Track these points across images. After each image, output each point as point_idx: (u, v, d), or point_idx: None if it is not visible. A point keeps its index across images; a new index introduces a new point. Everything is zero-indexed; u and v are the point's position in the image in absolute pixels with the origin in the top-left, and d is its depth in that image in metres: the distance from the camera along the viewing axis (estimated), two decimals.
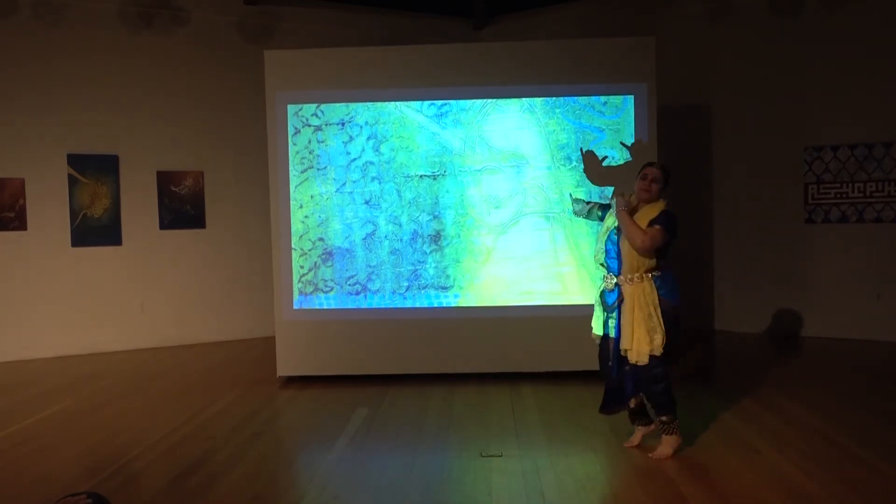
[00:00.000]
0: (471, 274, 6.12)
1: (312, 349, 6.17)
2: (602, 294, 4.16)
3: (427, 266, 6.13)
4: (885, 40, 7.23)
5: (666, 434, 4.13)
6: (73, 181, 7.60)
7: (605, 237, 4.13)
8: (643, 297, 3.97)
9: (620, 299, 4.03)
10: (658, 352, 3.96)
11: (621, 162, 5.95)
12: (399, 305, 6.14)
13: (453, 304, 6.13)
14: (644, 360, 3.98)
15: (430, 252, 6.12)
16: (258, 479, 3.96)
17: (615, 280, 4.06)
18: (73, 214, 7.62)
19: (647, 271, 3.99)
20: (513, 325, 6.04)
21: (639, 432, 4.31)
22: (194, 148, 8.17)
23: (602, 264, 4.14)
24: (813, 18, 7.59)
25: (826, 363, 6.56)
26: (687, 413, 4.96)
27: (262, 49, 6.55)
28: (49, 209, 7.52)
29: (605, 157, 5.76)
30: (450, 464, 4.16)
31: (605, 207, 4.35)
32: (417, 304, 6.13)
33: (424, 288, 6.13)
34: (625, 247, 4.02)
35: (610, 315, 4.11)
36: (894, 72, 7.22)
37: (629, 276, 4.00)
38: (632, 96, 5.99)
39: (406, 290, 6.14)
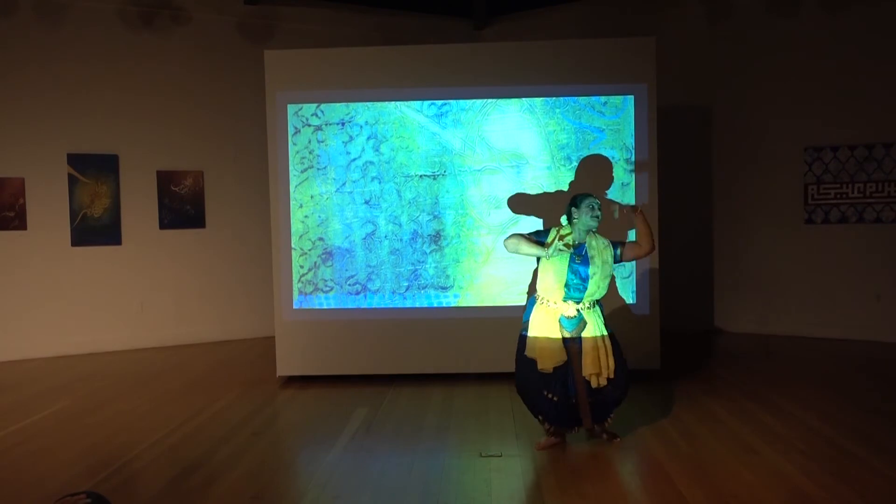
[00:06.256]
0: (471, 274, 6.11)
1: (312, 349, 6.17)
2: (560, 322, 4.22)
3: (427, 266, 6.13)
4: (885, 41, 7.23)
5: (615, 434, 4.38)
6: (73, 181, 7.60)
7: (566, 268, 4.16)
8: (602, 321, 4.26)
9: (582, 326, 4.20)
10: (613, 374, 4.20)
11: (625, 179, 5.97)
12: (399, 305, 6.14)
13: (453, 304, 6.13)
14: (605, 383, 4.18)
15: (430, 252, 6.12)
16: (258, 479, 3.96)
17: (576, 307, 4.21)
18: (73, 214, 7.62)
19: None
20: (513, 326, 6.01)
21: (553, 441, 4.36)
22: (194, 148, 8.16)
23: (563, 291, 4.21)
24: (813, 19, 7.59)
25: (826, 363, 6.56)
26: (687, 413, 4.97)
27: (262, 49, 6.54)
28: (49, 209, 7.52)
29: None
30: (450, 464, 4.16)
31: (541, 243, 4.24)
32: (417, 304, 6.13)
33: (424, 288, 6.13)
34: (596, 276, 4.17)
35: (571, 341, 4.21)
36: (894, 72, 7.22)
37: (590, 303, 4.23)
38: (632, 96, 6.00)
39: (406, 290, 6.14)
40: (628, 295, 6.06)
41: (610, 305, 5.88)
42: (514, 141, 6.06)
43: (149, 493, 3.80)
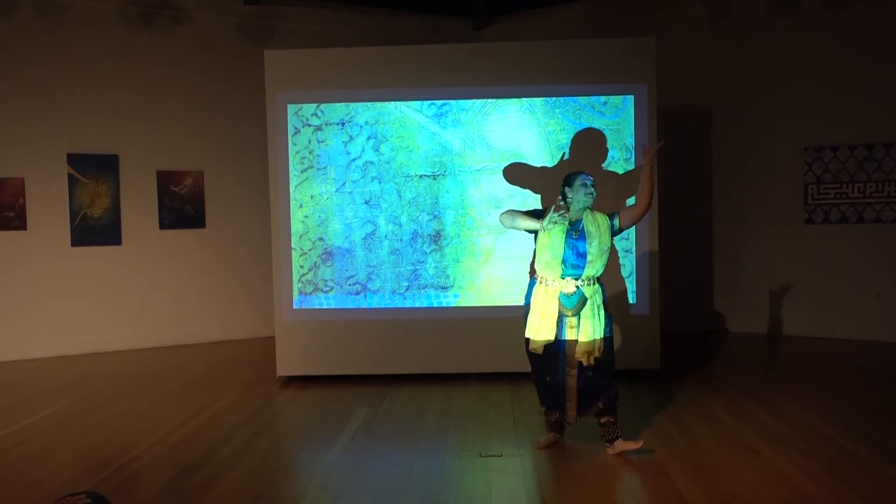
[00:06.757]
0: (471, 274, 6.11)
1: (312, 349, 6.17)
2: (560, 299, 4.14)
3: (427, 266, 6.13)
4: (885, 41, 7.23)
5: (621, 437, 4.18)
6: (73, 181, 7.60)
7: (563, 244, 4.11)
8: (601, 298, 4.19)
9: (583, 302, 4.12)
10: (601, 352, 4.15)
11: (621, 163, 5.97)
12: (399, 305, 6.13)
13: (453, 304, 6.13)
14: (593, 362, 4.13)
15: (430, 252, 6.12)
16: (258, 479, 3.96)
17: (575, 284, 4.13)
18: (73, 214, 7.62)
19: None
20: (512, 325, 6.00)
21: (553, 438, 4.36)
22: (194, 148, 8.16)
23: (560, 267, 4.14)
24: (813, 19, 7.59)
25: (826, 363, 6.56)
26: (687, 413, 4.97)
27: (262, 49, 6.54)
28: (49, 209, 7.52)
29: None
30: (450, 464, 4.16)
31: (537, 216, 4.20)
32: (417, 304, 6.13)
33: (424, 288, 6.13)
34: (594, 252, 4.11)
35: (568, 318, 4.14)
36: (894, 72, 7.22)
37: (590, 279, 4.16)
38: (632, 96, 5.99)
39: (406, 290, 6.14)
40: (628, 295, 6.05)
41: (610, 306, 5.90)
42: (514, 141, 6.06)
43: (149, 493, 3.80)
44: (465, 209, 6.10)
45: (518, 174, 5.98)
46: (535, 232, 4.19)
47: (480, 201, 6.09)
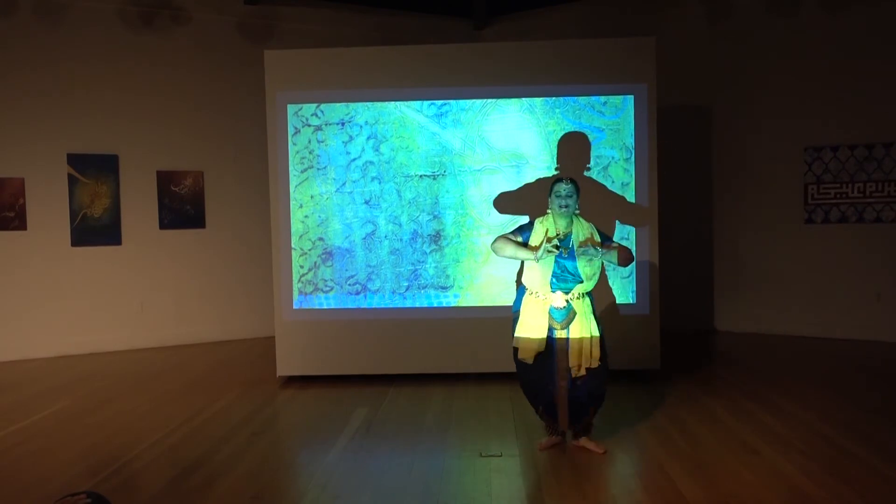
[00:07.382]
0: (471, 274, 6.11)
1: (312, 349, 6.17)
2: (550, 312, 4.15)
3: (427, 266, 6.13)
4: (885, 41, 7.23)
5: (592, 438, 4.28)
6: (73, 181, 7.60)
7: (552, 263, 4.10)
8: (592, 309, 4.20)
9: (572, 316, 4.13)
10: (598, 363, 4.16)
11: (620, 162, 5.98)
12: (399, 305, 6.13)
13: (453, 304, 6.13)
14: (584, 372, 4.14)
15: (430, 252, 6.12)
16: (258, 479, 3.96)
17: (565, 298, 4.14)
18: (73, 214, 7.62)
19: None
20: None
21: (554, 440, 4.35)
22: (194, 148, 8.17)
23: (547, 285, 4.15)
24: (813, 19, 7.59)
25: (826, 363, 6.56)
26: (687, 413, 4.97)
27: (262, 49, 6.54)
28: (49, 209, 7.52)
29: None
30: (450, 464, 4.16)
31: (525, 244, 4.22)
32: (417, 304, 6.13)
33: (424, 288, 6.13)
34: (588, 270, 4.11)
35: (558, 331, 4.15)
36: (894, 72, 7.22)
37: (579, 294, 4.16)
38: (632, 96, 5.99)
39: (406, 290, 6.14)
40: (628, 295, 6.05)
41: (610, 305, 5.90)
42: (514, 141, 6.06)
43: (149, 493, 3.81)
44: (465, 209, 6.10)
45: (508, 202, 5.98)
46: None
47: (480, 201, 6.09)
